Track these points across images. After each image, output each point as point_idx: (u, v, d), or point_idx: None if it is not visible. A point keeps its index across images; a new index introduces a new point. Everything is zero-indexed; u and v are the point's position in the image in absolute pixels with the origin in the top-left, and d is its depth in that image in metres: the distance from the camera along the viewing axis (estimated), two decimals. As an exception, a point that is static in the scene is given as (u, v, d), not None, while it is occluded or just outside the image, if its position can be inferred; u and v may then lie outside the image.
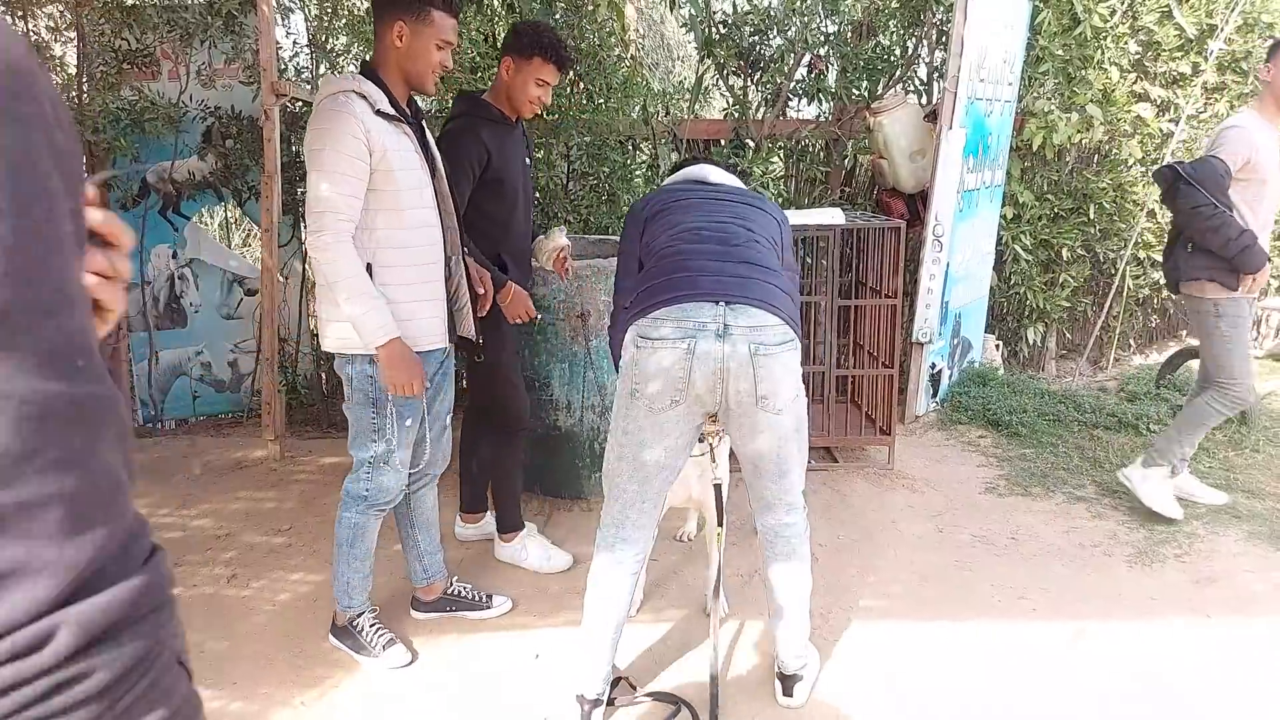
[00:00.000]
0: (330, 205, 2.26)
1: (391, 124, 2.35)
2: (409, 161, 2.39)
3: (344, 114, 2.26)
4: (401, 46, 2.37)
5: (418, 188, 2.41)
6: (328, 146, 2.26)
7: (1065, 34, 4.94)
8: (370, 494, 2.57)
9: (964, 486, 3.88)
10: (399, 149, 2.35)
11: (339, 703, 2.48)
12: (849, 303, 4.31)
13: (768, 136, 4.98)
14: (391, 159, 2.33)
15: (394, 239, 2.38)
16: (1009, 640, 2.74)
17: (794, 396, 2.25)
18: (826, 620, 2.85)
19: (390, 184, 2.34)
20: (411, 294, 2.43)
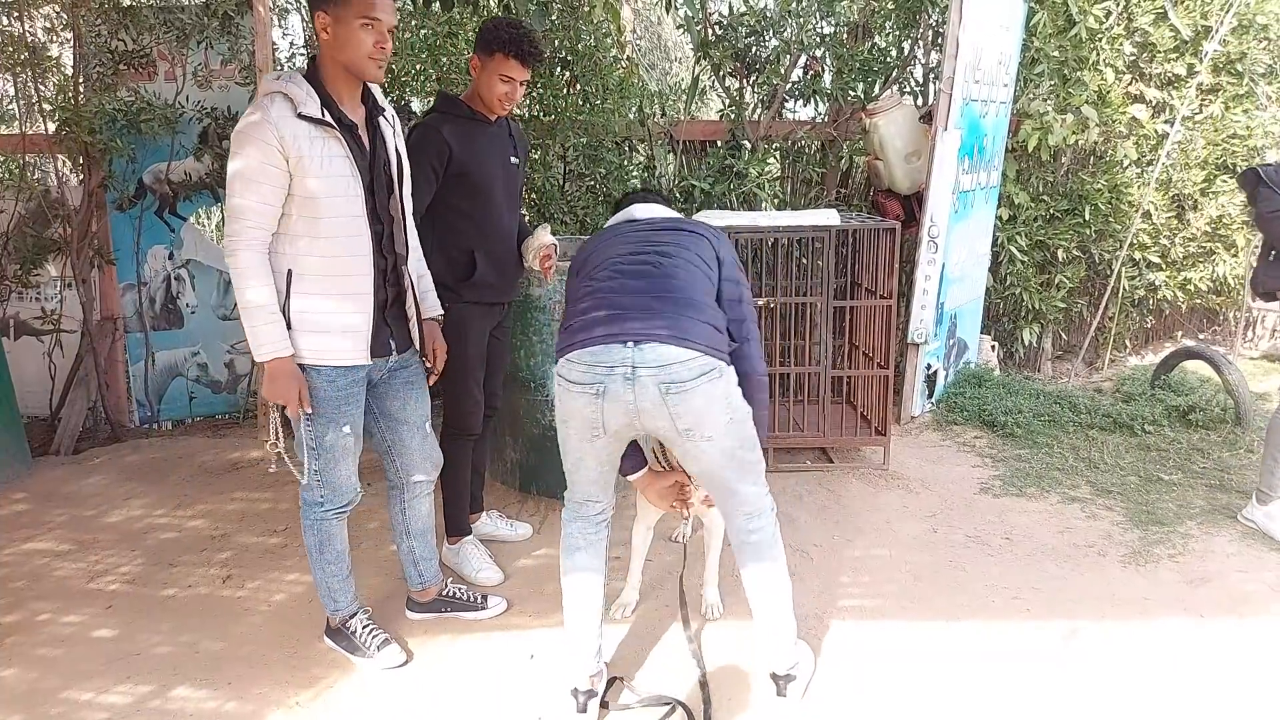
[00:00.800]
0: (242, 213, 2.21)
1: (319, 128, 2.26)
2: (333, 168, 2.28)
3: (260, 120, 2.19)
4: (329, 38, 2.27)
5: (340, 195, 2.31)
6: (242, 153, 2.20)
7: (1060, 35, 4.95)
8: (326, 499, 2.53)
9: (959, 487, 3.88)
10: (321, 155, 2.26)
11: (334, 703, 2.48)
12: (844, 304, 4.31)
13: (764, 138, 4.99)
14: (309, 165, 2.24)
15: (315, 247, 2.30)
16: (1003, 640, 2.74)
17: (726, 422, 2.24)
18: (820, 620, 2.86)
19: (309, 190, 2.26)
20: (328, 305, 2.35)
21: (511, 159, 3.06)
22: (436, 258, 2.92)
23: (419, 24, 4.55)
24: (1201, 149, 5.43)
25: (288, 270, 2.29)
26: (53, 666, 2.63)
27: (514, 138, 3.11)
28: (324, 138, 2.27)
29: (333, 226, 2.31)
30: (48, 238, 4.67)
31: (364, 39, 2.25)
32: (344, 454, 2.49)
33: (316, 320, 2.33)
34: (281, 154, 2.21)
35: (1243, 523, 3.44)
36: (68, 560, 3.32)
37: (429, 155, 2.88)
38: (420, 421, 2.68)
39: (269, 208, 2.23)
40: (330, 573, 2.63)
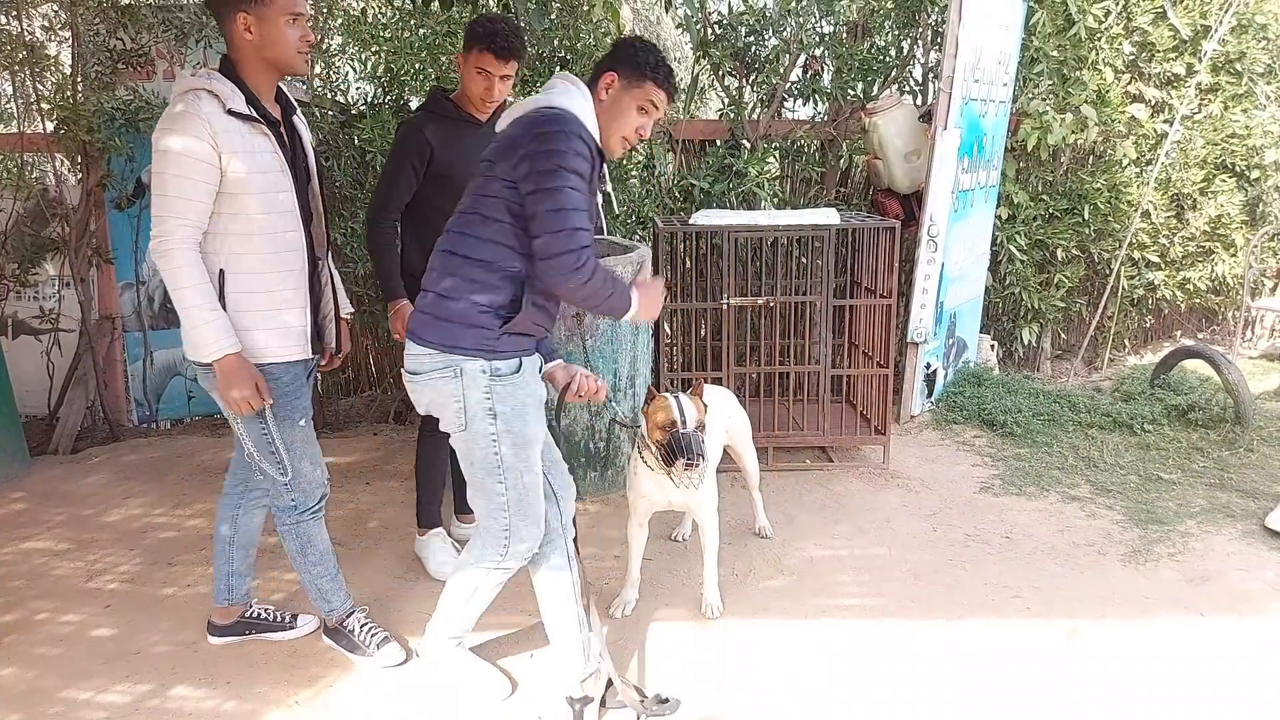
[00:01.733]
0: (173, 210, 2.15)
1: (247, 124, 2.22)
2: (263, 164, 2.25)
3: (190, 115, 2.14)
4: (253, 37, 2.22)
5: (273, 191, 2.28)
6: (170, 149, 2.14)
7: (1060, 35, 4.95)
8: (297, 501, 2.50)
9: (958, 486, 3.88)
10: (252, 151, 2.23)
11: (334, 702, 2.47)
12: (844, 302, 4.31)
13: (763, 137, 4.99)
14: (241, 162, 2.20)
15: (247, 244, 2.26)
16: (1003, 639, 2.74)
17: (458, 426, 2.22)
18: (821, 619, 2.85)
19: (241, 187, 2.22)
20: (267, 302, 2.31)
21: None
22: (416, 256, 2.94)
23: (417, 23, 4.54)
24: (1200, 148, 5.43)
25: (219, 270, 2.24)
26: (51, 665, 2.63)
27: None
28: (253, 133, 2.24)
29: (267, 223, 2.28)
30: (46, 237, 4.66)
31: (291, 34, 2.24)
32: (305, 447, 2.47)
33: (256, 318, 2.29)
34: (214, 150, 2.15)
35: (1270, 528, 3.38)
36: (66, 559, 3.31)
37: (410, 154, 2.90)
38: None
39: (201, 205, 2.18)
40: (317, 574, 2.61)
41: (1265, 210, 5.68)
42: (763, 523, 3.43)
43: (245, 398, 2.25)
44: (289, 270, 2.35)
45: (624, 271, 3.52)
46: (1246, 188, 5.58)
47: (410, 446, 4.46)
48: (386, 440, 4.58)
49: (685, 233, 4.10)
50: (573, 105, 2.17)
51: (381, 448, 4.46)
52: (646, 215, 4.78)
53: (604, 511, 3.68)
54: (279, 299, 2.33)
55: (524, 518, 2.31)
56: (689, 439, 2.51)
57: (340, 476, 4.06)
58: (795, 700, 2.46)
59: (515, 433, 2.22)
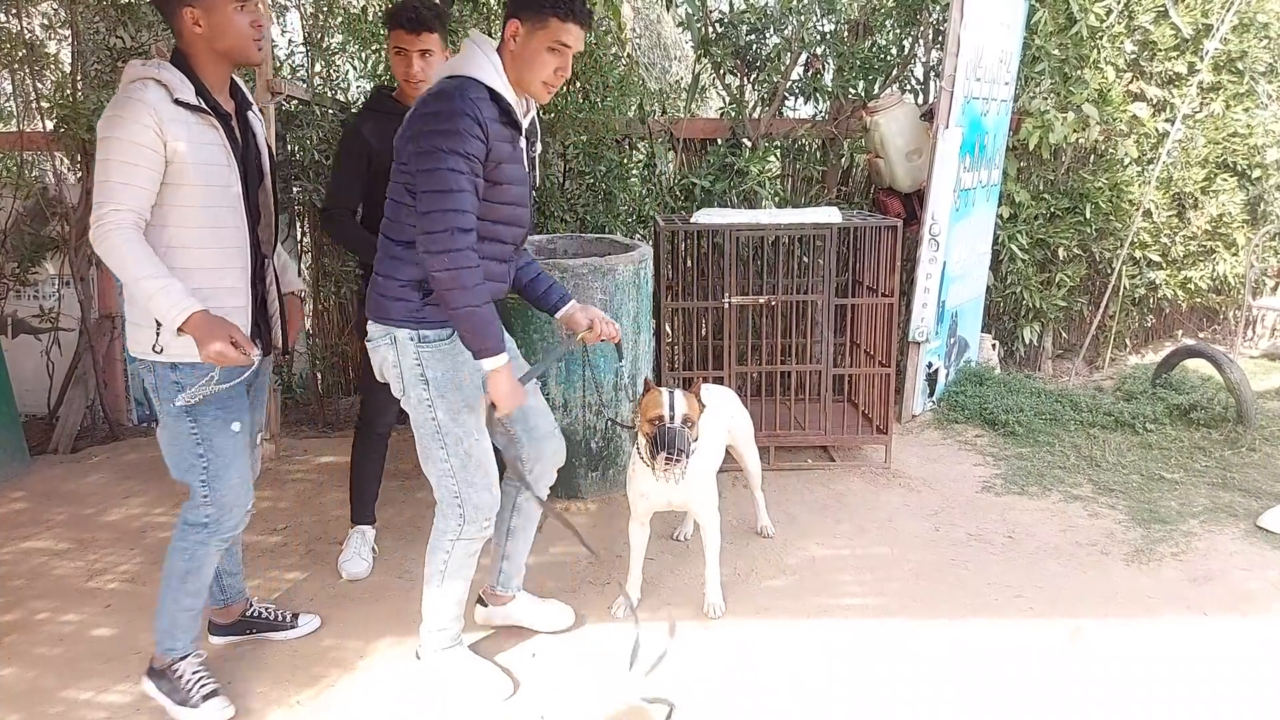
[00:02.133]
0: (112, 196, 2.06)
1: (195, 115, 2.16)
2: (210, 156, 2.19)
3: (136, 101, 2.08)
4: (203, 30, 2.17)
5: (219, 185, 2.21)
6: (114, 135, 2.07)
7: (1061, 33, 4.94)
8: (211, 520, 2.32)
9: (960, 485, 3.87)
10: (199, 142, 2.16)
11: (335, 702, 2.47)
12: (845, 301, 4.31)
13: (764, 135, 4.98)
14: (186, 153, 2.13)
15: (188, 238, 2.18)
16: (1006, 638, 2.73)
17: (399, 392, 2.31)
18: (822, 620, 2.85)
19: (184, 178, 2.15)
20: (206, 296, 2.18)
21: None
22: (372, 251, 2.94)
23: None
24: (1202, 147, 5.43)
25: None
26: (51, 665, 2.62)
27: None
28: (201, 125, 2.18)
29: (210, 216, 2.21)
30: (46, 236, 4.65)
31: (241, 22, 2.19)
32: (235, 456, 2.30)
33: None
34: (159, 138, 2.09)
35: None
36: (66, 559, 3.30)
37: (350, 155, 2.91)
38: (254, 434, 2.50)
39: (144, 192, 2.10)
40: (184, 606, 2.39)
41: (1266, 209, 5.68)
42: (764, 522, 3.42)
43: (224, 348, 2.11)
44: (231, 266, 2.27)
45: (624, 269, 3.51)
46: (1248, 187, 5.57)
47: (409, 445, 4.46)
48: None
49: (686, 231, 4.09)
50: (474, 69, 2.16)
51: (382, 447, 4.44)
52: (647, 214, 4.77)
53: (605, 511, 3.67)
54: (218, 294, 2.23)
55: (470, 485, 2.34)
56: (672, 433, 2.50)
57: (339, 476, 4.04)
58: (797, 700, 2.45)
59: (448, 398, 2.27)
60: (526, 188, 2.32)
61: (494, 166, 2.18)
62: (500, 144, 2.18)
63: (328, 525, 3.56)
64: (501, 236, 2.30)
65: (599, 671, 2.59)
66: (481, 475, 2.35)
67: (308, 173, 4.51)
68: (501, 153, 2.18)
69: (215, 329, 2.12)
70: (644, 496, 2.79)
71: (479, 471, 2.34)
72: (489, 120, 2.14)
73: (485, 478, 2.36)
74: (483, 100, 2.14)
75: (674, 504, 2.82)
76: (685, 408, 2.55)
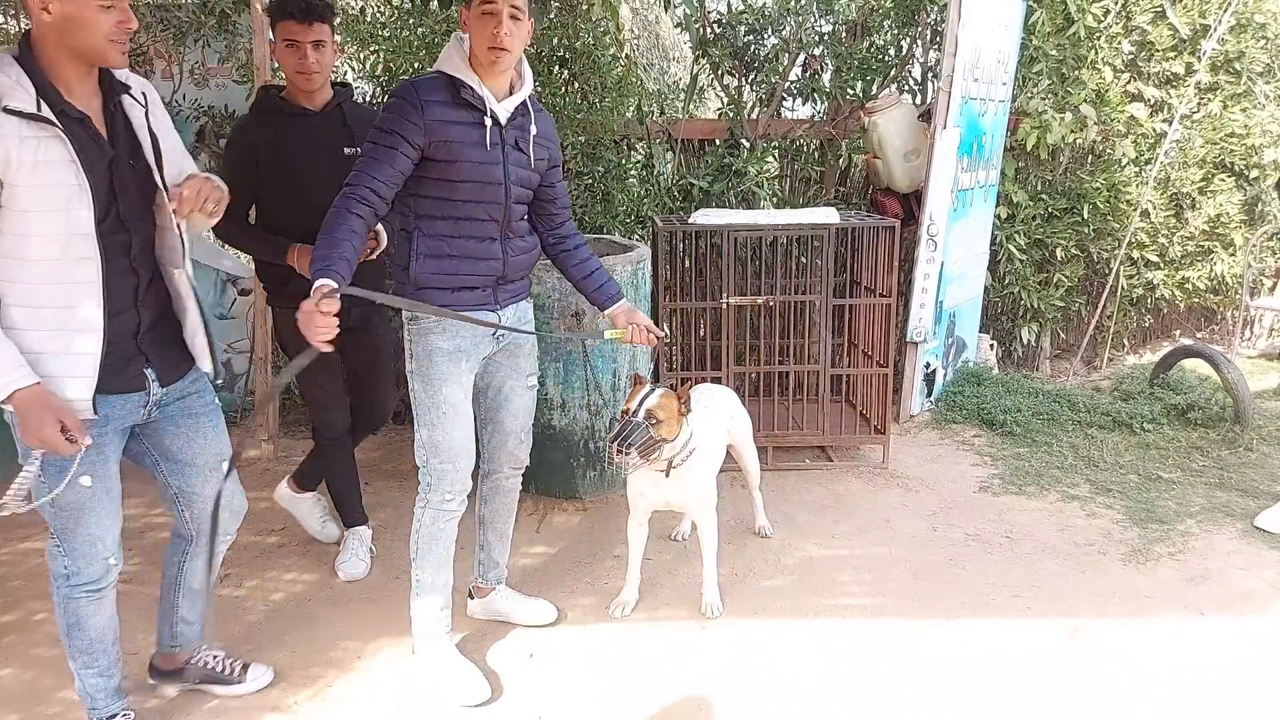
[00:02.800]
0: None
1: (32, 126, 1.82)
2: (50, 175, 1.84)
3: None
4: (52, 19, 1.82)
5: (61, 209, 1.86)
6: None
7: (1059, 34, 4.95)
8: (70, 570, 2.07)
9: (958, 485, 3.88)
10: (35, 160, 1.82)
11: (332, 702, 2.47)
12: (843, 301, 4.31)
13: (763, 136, 4.98)
14: (18, 173, 1.81)
15: (23, 272, 1.86)
16: (1004, 638, 2.74)
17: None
18: (820, 620, 2.85)
19: (17, 203, 1.83)
20: (51, 341, 1.90)
21: (345, 150, 2.83)
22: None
23: (416, 22, 4.53)
24: (1200, 148, 5.43)
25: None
26: (50, 666, 2.61)
27: (350, 126, 2.89)
28: (39, 138, 1.83)
29: (46, 248, 1.87)
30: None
31: (102, 20, 1.85)
32: (85, 513, 2.03)
33: (31, 360, 1.87)
34: None
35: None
36: (64, 560, 3.30)
37: (236, 161, 2.87)
38: (213, 463, 2.25)
39: None
40: (82, 664, 2.18)
41: (1264, 210, 5.68)
42: (762, 522, 3.43)
43: (48, 435, 1.85)
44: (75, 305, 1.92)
45: (623, 270, 3.52)
46: (1245, 187, 5.58)
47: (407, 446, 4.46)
48: (385, 440, 4.57)
49: (684, 232, 4.09)
50: (440, 62, 2.33)
51: (380, 447, 4.45)
52: (646, 214, 4.78)
53: (603, 511, 3.67)
54: (59, 339, 1.92)
55: (436, 455, 2.44)
56: (627, 426, 2.50)
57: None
58: (796, 700, 2.46)
59: (421, 370, 2.41)
60: (498, 167, 2.35)
61: (443, 143, 2.27)
62: (449, 125, 2.27)
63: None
64: (474, 214, 2.37)
65: (596, 672, 2.60)
66: (445, 450, 2.43)
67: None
68: (452, 132, 2.27)
69: (48, 416, 1.85)
70: (643, 496, 2.79)
71: (444, 447, 2.43)
72: (433, 102, 2.25)
73: (450, 453, 2.43)
74: (430, 85, 2.28)
75: (672, 504, 2.82)
76: (654, 404, 2.52)
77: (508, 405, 2.65)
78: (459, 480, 2.46)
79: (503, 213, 2.41)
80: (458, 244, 2.37)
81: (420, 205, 2.35)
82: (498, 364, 2.59)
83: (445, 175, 2.30)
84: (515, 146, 2.39)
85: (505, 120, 2.36)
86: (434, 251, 2.36)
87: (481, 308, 2.44)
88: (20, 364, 1.85)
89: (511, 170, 2.39)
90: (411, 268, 2.35)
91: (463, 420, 2.45)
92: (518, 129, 2.40)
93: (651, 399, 2.53)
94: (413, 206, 2.35)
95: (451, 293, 2.39)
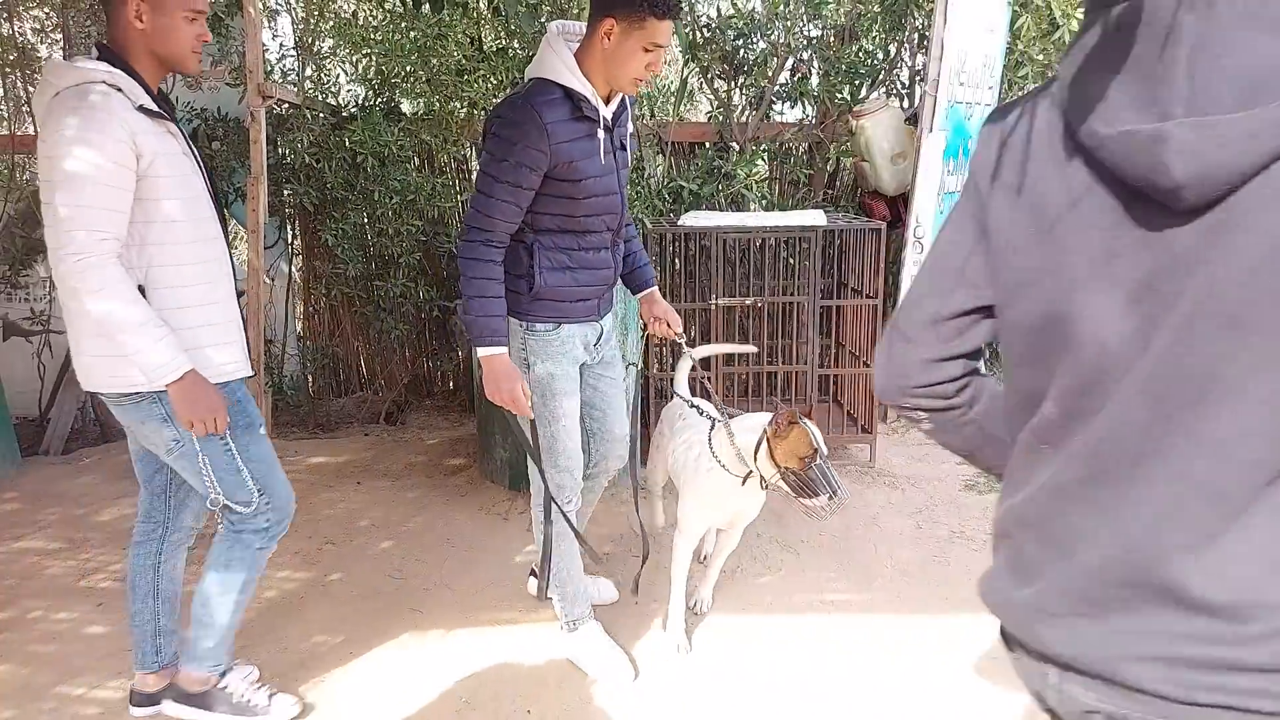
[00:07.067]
0: (87, 222, 1.87)
1: (155, 121, 2.00)
2: (180, 165, 2.05)
3: (103, 112, 1.89)
4: (145, 26, 1.99)
5: (194, 195, 2.08)
6: (81, 151, 1.87)
7: (1044, 38, 5.01)
8: (271, 523, 2.25)
9: (944, 484, 3.93)
10: (168, 151, 2.02)
11: (325, 697, 2.50)
12: (830, 303, 4.36)
13: (752, 139, 5.03)
14: (162, 164, 1.99)
15: (172, 255, 2.04)
16: (983, 634, 2.78)
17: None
18: (807, 615, 2.89)
19: (163, 190, 2.00)
20: (200, 317, 2.09)
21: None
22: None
23: (409, 26, 4.57)
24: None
25: (138, 287, 1.97)
26: (45, 663, 2.65)
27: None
28: (159, 133, 2.01)
29: (187, 230, 2.07)
30: (37, 238, 4.67)
31: (188, 32, 2.04)
32: (273, 460, 2.26)
33: (184, 336, 2.02)
34: (133, 153, 1.93)
35: None
36: (59, 559, 3.33)
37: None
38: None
39: (121, 216, 1.93)
40: (239, 611, 2.31)
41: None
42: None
43: (207, 417, 2.00)
44: (217, 281, 2.15)
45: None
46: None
47: (400, 446, 4.50)
48: (377, 440, 4.61)
49: (673, 234, 4.14)
50: (545, 70, 2.24)
51: (373, 448, 4.48)
52: (636, 217, 4.82)
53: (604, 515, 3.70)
54: (210, 313, 2.12)
55: (554, 465, 2.47)
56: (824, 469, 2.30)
57: (331, 476, 4.08)
58: (782, 694, 2.50)
59: (542, 382, 2.40)
60: (613, 176, 2.35)
61: (567, 164, 2.23)
62: (572, 143, 2.23)
63: (320, 524, 3.58)
64: (593, 227, 2.38)
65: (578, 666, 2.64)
66: (562, 459, 2.47)
67: (299, 176, 4.55)
68: (575, 151, 2.23)
69: (211, 396, 2.01)
70: (719, 507, 2.60)
71: (562, 456, 2.47)
72: (556, 122, 2.19)
73: (566, 462, 2.48)
74: (550, 102, 2.20)
75: (740, 515, 2.68)
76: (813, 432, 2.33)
77: (612, 413, 2.66)
78: (576, 487, 2.53)
79: (618, 221, 2.44)
80: (578, 256, 2.37)
81: (540, 221, 2.32)
82: (598, 375, 2.61)
83: (569, 193, 2.28)
84: (621, 148, 2.39)
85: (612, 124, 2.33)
86: (556, 265, 2.35)
87: (590, 318, 2.47)
88: (182, 349, 1.99)
89: (621, 176, 2.40)
90: (536, 281, 2.32)
91: (577, 431, 2.50)
92: (619, 129, 2.38)
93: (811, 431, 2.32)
94: (531, 222, 2.31)
95: (570, 304, 2.40)
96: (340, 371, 5.15)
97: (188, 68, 2.09)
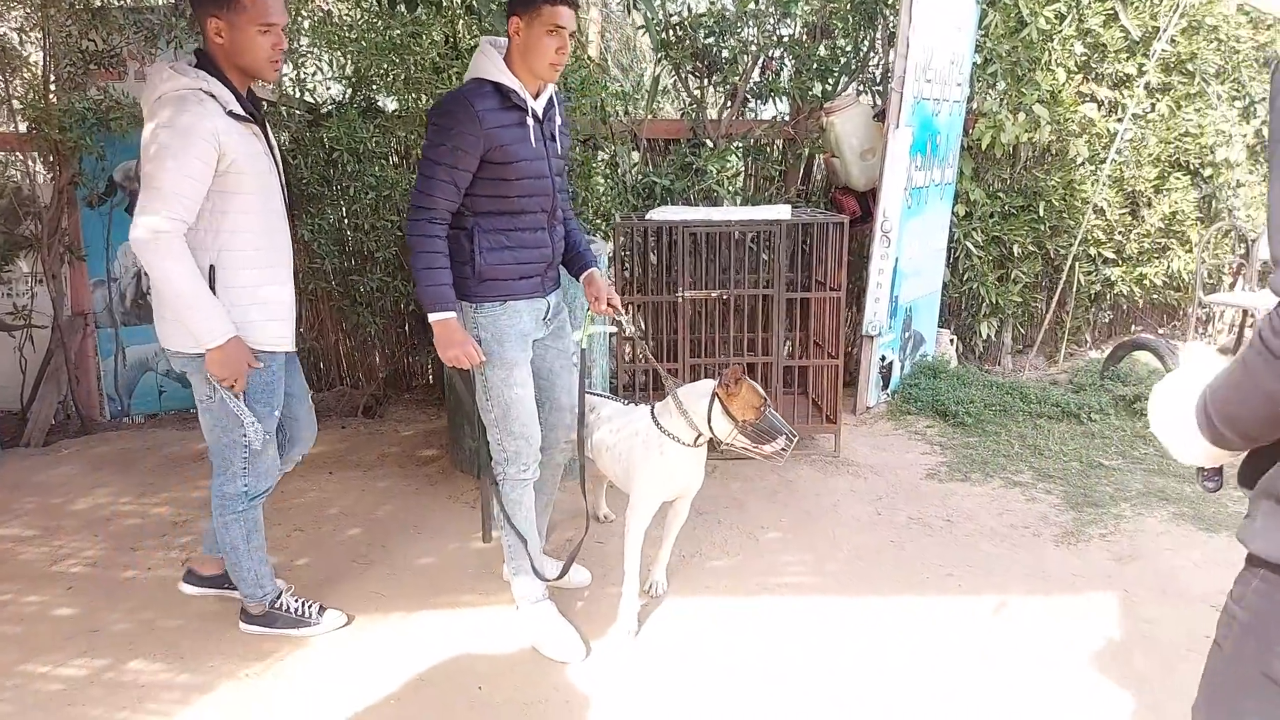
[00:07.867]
0: (166, 203, 2.22)
1: (241, 124, 2.34)
2: (259, 164, 2.39)
3: (198, 114, 2.23)
4: (224, 42, 2.32)
5: (268, 190, 2.43)
6: (176, 143, 2.21)
7: (1012, 36, 5.08)
8: (249, 487, 2.59)
9: (906, 472, 3.99)
10: (249, 152, 2.35)
11: (283, 673, 2.57)
12: (795, 295, 4.42)
13: (724, 136, 5.10)
14: (243, 163, 2.32)
15: (243, 241, 2.39)
16: (935, 613, 2.85)
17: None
18: (761, 597, 2.96)
19: (241, 186, 2.34)
20: (261, 295, 2.45)
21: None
22: None
23: (385, 25, 4.64)
24: (1154, 146, 5.57)
25: (209, 265, 2.35)
26: (11, 642, 2.71)
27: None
28: (248, 134, 2.36)
29: (263, 220, 2.42)
30: (19, 234, 4.73)
31: (263, 43, 2.34)
32: (271, 439, 2.60)
33: (249, 310, 2.42)
34: (217, 154, 2.27)
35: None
36: (32, 545, 3.39)
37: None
38: (305, 394, 2.85)
39: (193, 203, 2.27)
40: (258, 559, 2.69)
41: (1219, 207, 5.82)
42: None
43: (234, 376, 2.38)
44: (279, 265, 2.51)
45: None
46: (1201, 185, 5.71)
47: (375, 438, 4.57)
48: (353, 434, 4.67)
49: (641, 228, 4.21)
50: (478, 69, 2.48)
51: (347, 440, 4.55)
52: (608, 211, 4.89)
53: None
54: (272, 292, 2.47)
55: (509, 433, 2.62)
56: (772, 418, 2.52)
57: (304, 467, 4.11)
58: (734, 671, 2.57)
59: (493, 354, 2.56)
60: (544, 161, 2.56)
61: (499, 148, 2.44)
62: (504, 129, 2.44)
63: (290, 514, 3.65)
64: (527, 208, 2.57)
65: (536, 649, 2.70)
66: (517, 426, 2.61)
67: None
68: (506, 136, 2.45)
69: (242, 360, 2.38)
70: (671, 479, 2.71)
71: (517, 423, 2.61)
72: (487, 110, 2.42)
73: (522, 430, 2.62)
74: (481, 94, 2.43)
75: (688, 487, 2.79)
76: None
77: (560, 383, 2.84)
78: (533, 454, 2.67)
79: (550, 203, 2.61)
80: (515, 236, 2.56)
81: (477, 203, 2.50)
82: (546, 346, 2.78)
83: (502, 175, 2.48)
84: (551, 139, 2.61)
85: (542, 116, 2.55)
86: (495, 245, 2.53)
87: (535, 295, 2.64)
88: (227, 316, 2.34)
89: (553, 163, 2.60)
90: (477, 261, 2.50)
91: (531, 399, 2.64)
92: (549, 122, 2.60)
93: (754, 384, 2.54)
94: (470, 205, 2.50)
95: (514, 281, 2.57)
96: (320, 366, 5.22)
97: (266, 76, 2.42)
